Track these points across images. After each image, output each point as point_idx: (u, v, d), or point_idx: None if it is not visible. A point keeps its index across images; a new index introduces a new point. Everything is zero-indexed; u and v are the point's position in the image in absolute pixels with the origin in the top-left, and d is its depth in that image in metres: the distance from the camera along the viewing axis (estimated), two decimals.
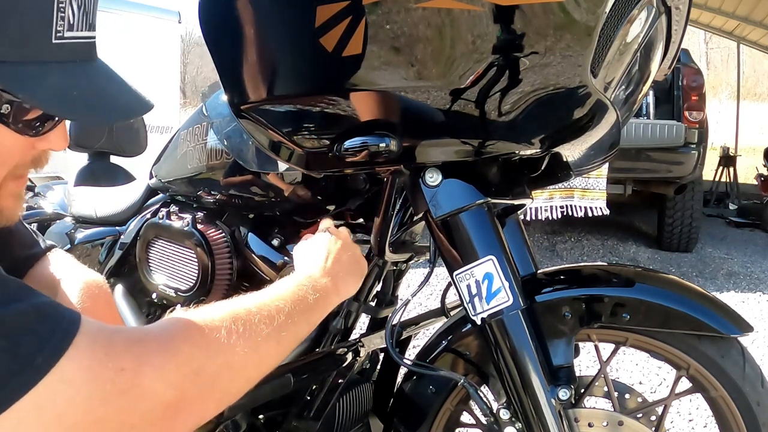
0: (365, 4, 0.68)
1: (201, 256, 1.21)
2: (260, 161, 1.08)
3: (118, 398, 0.56)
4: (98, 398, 0.55)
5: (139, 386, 0.57)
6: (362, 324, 1.23)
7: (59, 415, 0.53)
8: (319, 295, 0.80)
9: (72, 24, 0.64)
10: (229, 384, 0.67)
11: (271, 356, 0.72)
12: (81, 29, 0.66)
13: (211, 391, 0.64)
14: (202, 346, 0.63)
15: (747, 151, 10.25)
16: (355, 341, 1.11)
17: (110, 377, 0.55)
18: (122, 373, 0.56)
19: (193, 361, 0.62)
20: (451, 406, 1.03)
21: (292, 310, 0.74)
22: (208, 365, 0.63)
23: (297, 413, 1.11)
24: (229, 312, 0.69)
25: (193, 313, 0.67)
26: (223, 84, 0.81)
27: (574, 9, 0.67)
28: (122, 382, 0.56)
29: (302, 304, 0.77)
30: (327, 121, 0.80)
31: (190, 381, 0.61)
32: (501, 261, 0.84)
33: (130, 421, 0.57)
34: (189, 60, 24.96)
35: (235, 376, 0.67)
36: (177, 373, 0.60)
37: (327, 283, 0.83)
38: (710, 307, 0.88)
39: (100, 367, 0.55)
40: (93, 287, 0.90)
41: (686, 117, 4.46)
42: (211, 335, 0.64)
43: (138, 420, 0.57)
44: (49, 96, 0.62)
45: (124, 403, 0.56)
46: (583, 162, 0.95)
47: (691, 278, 4.09)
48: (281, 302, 0.75)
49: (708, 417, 2.14)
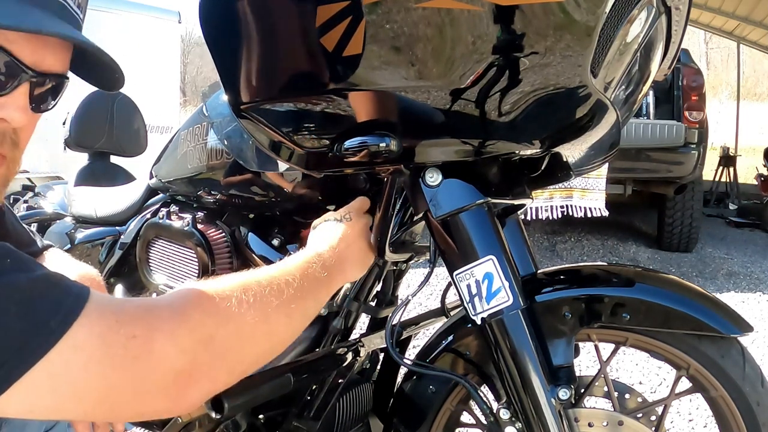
0: (365, 4, 0.68)
1: (201, 256, 1.21)
2: (260, 161, 1.08)
3: (131, 364, 0.56)
4: (110, 364, 0.55)
5: (151, 352, 0.57)
6: (362, 324, 1.23)
7: (73, 383, 0.53)
8: (327, 273, 0.81)
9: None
10: (240, 353, 0.67)
11: (281, 327, 0.72)
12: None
13: (222, 359, 0.64)
14: (212, 313, 0.63)
15: (747, 151, 10.26)
16: (355, 341, 1.11)
17: (122, 343, 0.55)
18: (134, 340, 0.56)
19: (204, 328, 0.62)
20: (451, 406, 1.03)
21: (300, 285, 0.75)
22: (219, 333, 0.63)
23: (297, 413, 1.11)
24: (240, 283, 0.69)
25: (203, 283, 0.67)
26: (223, 84, 0.81)
27: (574, 9, 0.67)
28: (134, 348, 0.56)
29: (310, 279, 0.78)
30: (327, 121, 0.80)
31: (202, 348, 0.61)
32: (501, 261, 0.84)
33: (143, 388, 0.57)
34: (189, 60, 24.96)
35: (246, 345, 0.67)
36: (188, 340, 0.60)
37: (335, 263, 0.84)
38: (710, 307, 0.88)
39: (111, 334, 0.55)
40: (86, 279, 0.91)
41: (686, 117, 4.46)
42: (222, 304, 0.65)
43: (150, 386, 0.58)
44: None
45: (136, 369, 0.56)
46: (583, 162, 0.95)
47: (691, 278, 4.09)
48: (290, 276, 0.75)
49: (708, 417, 2.14)
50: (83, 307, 0.54)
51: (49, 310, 0.53)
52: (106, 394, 0.55)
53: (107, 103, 1.98)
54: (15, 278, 0.52)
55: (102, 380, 0.55)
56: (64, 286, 0.56)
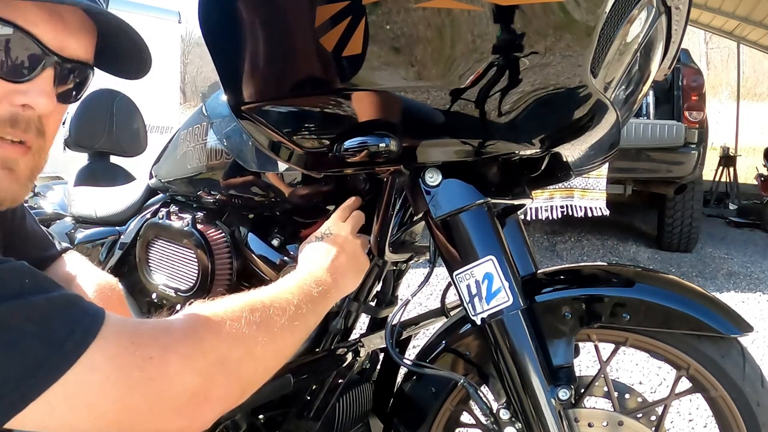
0: (365, 4, 0.68)
1: (201, 256, 1.21)
2: (260, 161, 1.08)
3: (146, 385, 0.56)
4: (126, 385, 0.55)
5: (166, 374, 0.57)
6: (362, 324, 1.23)
7: (89, 403, 0.54)
8: (322, 289, 0.82)
9: None
10: (252, 373, 0.68)
11: (287, 345, 0.73)
12: None
13: (236, 380, 0.65)
14: (225, 336, 0.64)
15: (747, 151, 10.26)
16: (355, 341, 1.11)
17: (138, 365, 0.56)
18: (150, 362, 0.56)
19: (218, 351, 0.63)
20: (451, 406, 1.02)
21: (300, 302, 0.76)
22: (232, 354, 0.64)
23: (297, 413, 1.11)
24: (247, 304, 0.70)
25: (213, 305, 0.68)
26: (223, 84, 0.81)
27: (574, 9, 0.67)
28: (150, 370, 0.56)
29: (308, 296, 0.79)
30: (327, 121, 0.80)
31: (216, 369, 0.62)
32: (501, 261, 0.84)
33: (159, 408, 0.58)
34: (189, 60, 24.96)
35: (257, 364, 0.68)
36: (203, 362, 0.61)
37: (327, 279, 0.85)
38: (710, 307, 0.88)
39: (127, 355, 0.55)
40: (107, 288, 0.91)
41: (686, 117, 4.46)
42: (233, 326, 0.65)
43: (166, 406, 0.58)
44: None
45: (152, 390, 0.57)
46: (583, 162, 0.95)
47: (691, 278, 4.09)
48: (290, 295, 0.76)
49: (708, 417, 2.14)
50: (99, 329, 0.55)
51: (67, 330, 0.53)
52: (122, 414, 0.56)
53: (107, 103, 1.97)
54: (33, 299, 0.53)
55: (118, 401, 0.55)
56: (80, 308, 0.56)
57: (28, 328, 0.51)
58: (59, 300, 0.55)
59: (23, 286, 0.53)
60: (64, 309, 0.54)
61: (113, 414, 0.55)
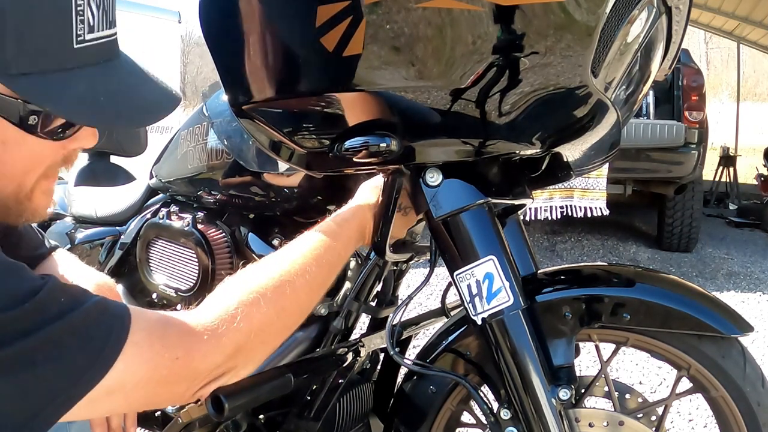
0: (366, 4, 0.68)
1: (201, 256, 1.21)
2: (260, 161, 1.08)
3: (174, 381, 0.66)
4: (157, 381, 0.64)
5: (191, 369, 0.67)
6: (362, 324, 1.23)
7: (126, 396, 0.63)
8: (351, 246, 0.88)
9: (92, 25, 0.62)
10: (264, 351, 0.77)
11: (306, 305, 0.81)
12: (101, 29, 0.64)
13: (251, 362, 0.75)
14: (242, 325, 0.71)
15: (747, 151, 10.25)
16: (356, 341, 1.11)
17: (167, 366, 0.64)
18: (177, 362, 0.65)
19: (235, 343, 0.70)
20: (451, 406, 1.02)
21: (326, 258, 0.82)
22: (248, 343, 0.72)
23: (297, 413, 1.11)
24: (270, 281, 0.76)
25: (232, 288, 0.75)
26: (224, 84, 0.81)
27: (575, 9, 0.67)
28: (177, 368, 0.65)
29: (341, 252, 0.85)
30: (327, 121, 0.80)
31: (232, 360, 0.71)
32: (501, 261, 0.84)
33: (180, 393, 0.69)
34: (189, 60, 24.95)
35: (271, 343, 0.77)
36: (221, 357, 0.69)
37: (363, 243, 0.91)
38: (710, 307, 0.88)
39: (158, 358, 0.64)
40: (104, 289, 0.91)
41: (686, 117, 4.46)
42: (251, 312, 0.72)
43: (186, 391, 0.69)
44: (74, 106, 0.62)
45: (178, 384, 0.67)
46: (584, 162, 0.95)
47: (691, 278, 4.09)
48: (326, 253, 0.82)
49: (708, 417, 2.14)
50: (128, 332, 0.62)
51: (103, 337, 0.60)
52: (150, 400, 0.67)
53: None
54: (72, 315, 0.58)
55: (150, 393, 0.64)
56: (110, 314, 0.62)
57: (72, 343, 0.58)
58: (93, 310, 0.61)
59: (61, 306, 0.58)
60: (98, 317, 0.60)
61: (144, 402, 0.66)
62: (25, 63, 0.58)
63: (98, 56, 0.65)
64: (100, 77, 0.65)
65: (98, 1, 0.63)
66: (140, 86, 0.69)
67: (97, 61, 0.65)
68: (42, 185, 0.70)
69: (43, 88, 0.60)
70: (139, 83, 0.69)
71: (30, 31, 0.58)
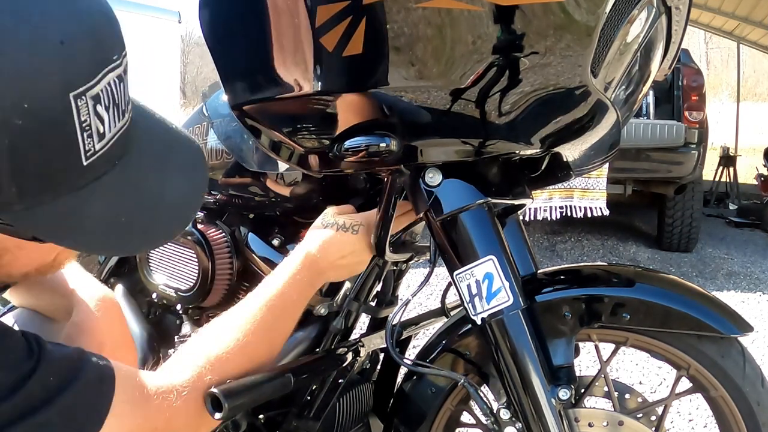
0: (366, 4, 0.68)
1: (201, 256, 1.21)
2: (260, 161, 1.08)
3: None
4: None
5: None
6: (362, 324, 1.23)
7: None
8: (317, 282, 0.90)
9: (102, 132, 0.53)
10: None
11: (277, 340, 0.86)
12: (114, 126, 0.54)
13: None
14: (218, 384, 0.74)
15: (747, 151, 10.25)
16: (355, 341, 1.11)
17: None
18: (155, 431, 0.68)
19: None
20: (451, 406, 1.02)
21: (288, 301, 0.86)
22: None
23: (297, 413, 1.11)
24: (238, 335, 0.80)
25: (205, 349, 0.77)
26: (223, 84, 0.81)
27: (575, 9, 0.67)
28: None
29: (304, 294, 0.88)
30: (327, 121, 0.80)
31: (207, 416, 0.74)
32: (501, 261, 0.84)
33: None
34: (189, 60, 24.95)
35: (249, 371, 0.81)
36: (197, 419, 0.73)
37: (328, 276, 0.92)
38: (710, 307, 0.88)
39: (139, 430, 0.66)
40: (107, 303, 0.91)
41: (686, 117, 4.46)
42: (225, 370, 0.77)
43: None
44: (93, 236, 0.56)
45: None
46: (583, 162, 0.95)
47: (691, 278, 4.09)
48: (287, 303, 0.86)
49: (708, 417, 2.14)
50: (112, 401, 0.63)
51: (86, 416, 0.61)
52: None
53: None
54: (61, 399, 0.59)
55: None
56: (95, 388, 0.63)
57: (57, 421, 0.59)
58: (80, 389, 0.61)
59: (50, 390, 0.59)
60: (84, 396, 0.62)
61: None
62: (33, 195, 0.51)
63: (113, 158, 0.56)
64: (118, 187, 0.56)
65: (107, 100, 0.53)
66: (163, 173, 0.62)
67: (114, 163, 0.56)
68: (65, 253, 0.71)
69: (53, 221, 0.53)
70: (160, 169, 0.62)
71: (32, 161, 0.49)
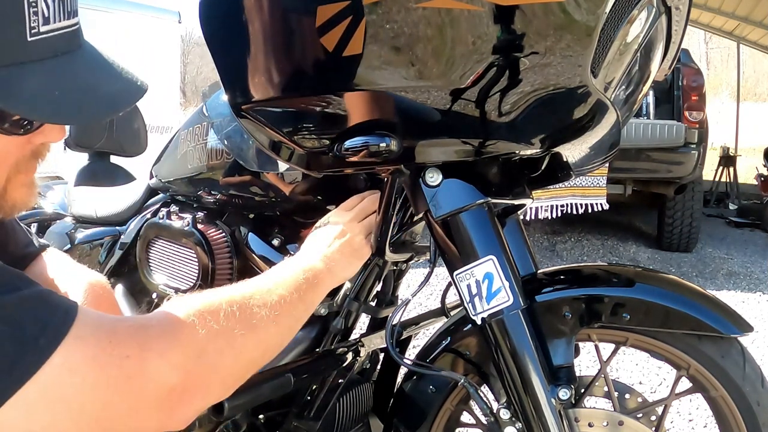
0: (365, 4, 0.68)
1: (201, 256, 1.21)
2: (260, 161, 1.08)
3: (125, 384, 0.58)
4: (105, 384, 0.57)
5: (144, 371, 0.59)
6: (362, 324, 1.23)
7: (68, 403, 0.55)
8: (310, 275, 0.84)
9: (47, 17, 0.59)
10: (231, 365, 0.69)
11: (271, 335, 0.74)
12: (59, 20, 0.61)
13: (214, 372, 0.66)
14: (202, 330, 0.65)
15: (747, 151, 10.25)
16: (355, 341, 1.11)
17: (116, 364, 0.57)
18: (127, 360, 0.58)
19: (195, 344, 0.64)
20: (451, 406, 1.03)
21: (284, 292, 0.78)
22: (209, 347, 0.65)
23: (297, 413, 1.11)
24: (226, 297, 0.71)
25: (192, 300, 0.69)
26: (223, 84, 0.81)
27: (575, 9, 0.67)
28: (128, 368, 0.58)
29: (295, 285, 0.81)
30: (327, 121, 0.80)
31: (193, 363, 0.63)
32: (501, 261, 0.84)
33: (138, 405, 0.59)
34: (189, 60, 24.95)
35: (238, 356, 0.69)
36: (180, 357, 0.62)
37: (318, 266, 0.87)
38: (710, 307, 0.88)
39: (105, 355, 0.57)
40: (97, 287, 0.91)
41: (686, 117, 4.46)
42: (211, 319, 0.67)
43: (145, 403, 0.60)
44: (29, 101, 0.59)
45: (130, 387, 0.58)
46: (584, 162, 0.95)
47: (691, 278, 4.09)
48: (274, 285, 0.78)
49: (708, 417, 2.14)
50: (71, 325, 0.56)
51: (38, 328, 0.54)
52: (101, 413, 0.57)
53: None
54: (3, 298, 0.54)
55: (97, 400, 0.57)
56: (52, 304, 0.57)
57: (1, 328, 0.52)
58: (30, 297, 0.56)
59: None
60: (35, 306, 0.56)
61: (92, 412, 0.57)
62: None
63: (55, 49, 0.61)
64: (58, 70, 0.61)
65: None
66: (102, 78, 0.66)
67: (56, 54, 0.61)
68: (17, 180, 0.68)
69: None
70: (101, 75, 0.66)
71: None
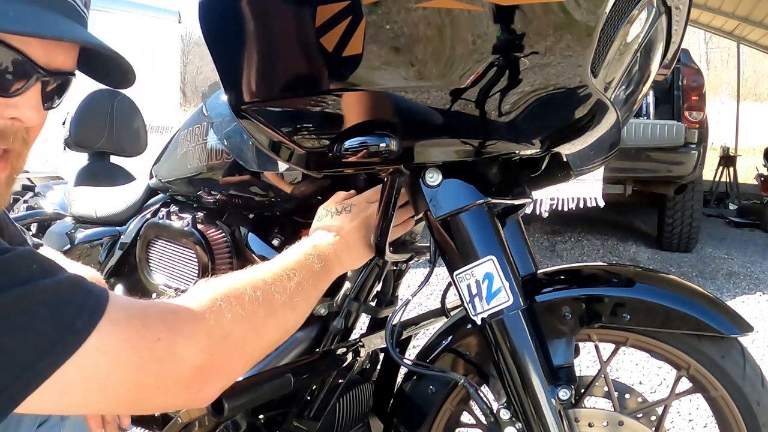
0: (365, 4, 0.68)
1: (201, 256, 1.21)
2: (260, 161, 1.08)
3: (155, 365, 0.61)
4: (137, 366, 0.60)
5: (174, 354, 0.62)
6: (362, 324, 1.23)
7: (103, 384, 0.58)
8: (324, 264, 0.86)
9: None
10: (254, 347, 0.73)
11: (288, 320, 0.78)
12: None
13: (239, 354, 0.70)
14: (228, 313, 0.69)
15: (747, 151, 10.26)
16: (355, 341, 1.11)
17: (148, 347, 0.60)
18: (158, 343, 0.61)
19: (221, 328, 0.67)
20: (451, 406, 1.02)
21: (300, 278, 0.81)
22: (235, 330, 0.69)
23: (297, 413, 1.11)
24: (249, 282, 0.76)
25: (217, 285, 0.73)
26: (223, 84, 0.81)
27: (575, 9, 0.67)
28: (158, 350, 0.61)
29: (309, 271, 0.83)
30: (327, 121, 0.80)
31: (219, 345, 0.67)
32: (501, 261, 0.84)
33: (166, 385, 0.63)
34: (189, 60, 24.96)
35: (260, 339, 0.74)
36: (207, 340, 0.65)
37: (330, 254, 0.88)
38: (710, 307, 0.88)
39: (137, 338, 0.60)
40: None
41: (686, 117, 4.46)
42: (236, 303, 0.71)
43: (173, 383, 0.63)
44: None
45: (160, 369, 0.62)
46: (584, 162, 0.95)
47: (691, 278, 4.09)
48: (291, 272, 0.81)
49: (708, 417, 2.14)
50: (106, 307, 0.58)
51: (75, 311, 0.56)
52: (132, 392, 0.61)
53: (107, 103, 1.97)
54: (43, 283, 0.56)
55: (129, 380, 0.60)
56: (86, 288, 0.59)
57: (40, 311, 0.54)
58: (66, 282, 0.58)
59: (31, 272, 0.56)
60: (71, 290, 0.58)
61: (124, 392, 0.60)
62: None
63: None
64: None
65: None
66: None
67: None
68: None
69: None
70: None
71: None
